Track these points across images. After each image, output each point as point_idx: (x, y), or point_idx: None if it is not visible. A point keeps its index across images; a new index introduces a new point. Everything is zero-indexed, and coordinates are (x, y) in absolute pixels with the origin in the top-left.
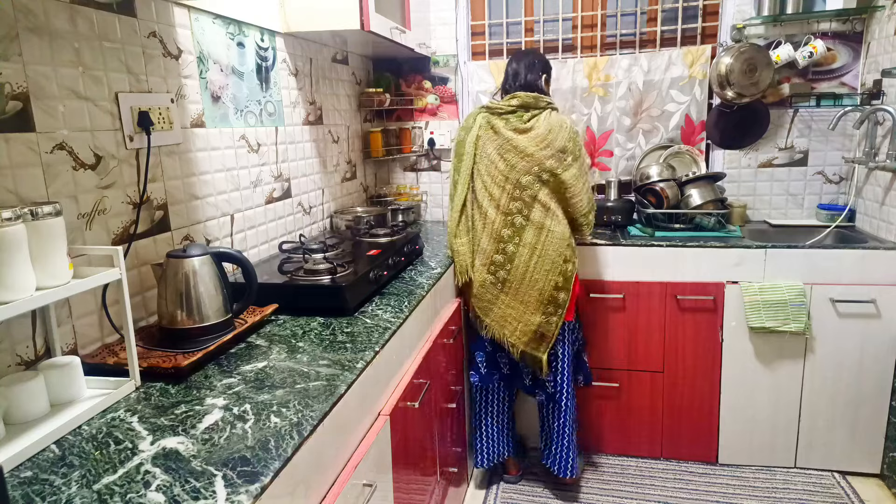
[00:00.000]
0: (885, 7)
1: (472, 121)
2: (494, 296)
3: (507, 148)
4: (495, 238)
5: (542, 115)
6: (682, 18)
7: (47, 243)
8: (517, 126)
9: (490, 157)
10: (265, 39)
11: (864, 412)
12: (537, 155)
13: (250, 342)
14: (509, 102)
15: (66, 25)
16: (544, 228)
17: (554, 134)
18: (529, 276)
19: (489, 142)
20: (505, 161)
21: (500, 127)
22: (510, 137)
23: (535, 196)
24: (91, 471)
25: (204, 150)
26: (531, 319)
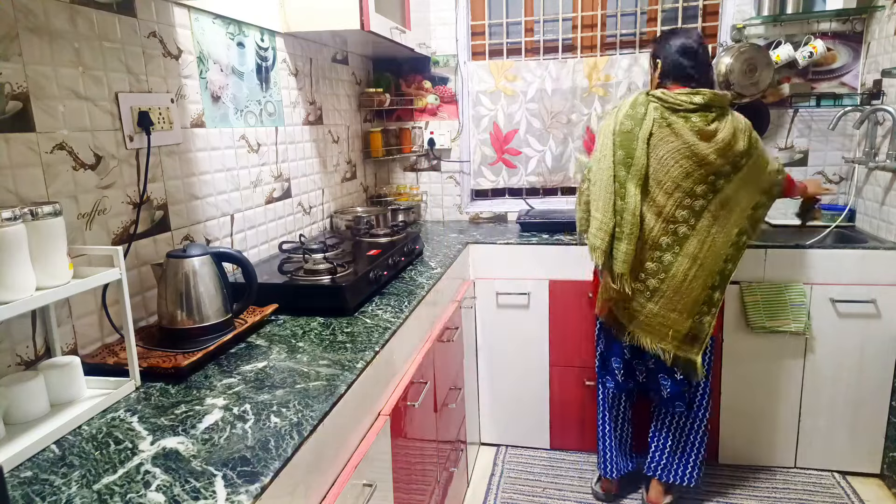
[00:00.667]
0: (885, 7)
1: (641, 110)
2: (641, 304)
3: (686, 154)
4: (651, 246)
5: (728, 119)
6: (682, 18)
7: (47, 243)
8: (701, 129)
9: (662, 159)
10: (265, 39)
11: (864, 412)
12: (717, 163)
13: (250, 342)
14: (692, 98)
15: (66, 25)
16: (710, 237)
17: (736, 139)
18: (686, 286)
19: (663, 142)
20: (680, 167)
21: (679, 127)
22: (692, 143)
23: (707, 206)
24: (91, 471)
25: (204, 150)
26: (683, 324)
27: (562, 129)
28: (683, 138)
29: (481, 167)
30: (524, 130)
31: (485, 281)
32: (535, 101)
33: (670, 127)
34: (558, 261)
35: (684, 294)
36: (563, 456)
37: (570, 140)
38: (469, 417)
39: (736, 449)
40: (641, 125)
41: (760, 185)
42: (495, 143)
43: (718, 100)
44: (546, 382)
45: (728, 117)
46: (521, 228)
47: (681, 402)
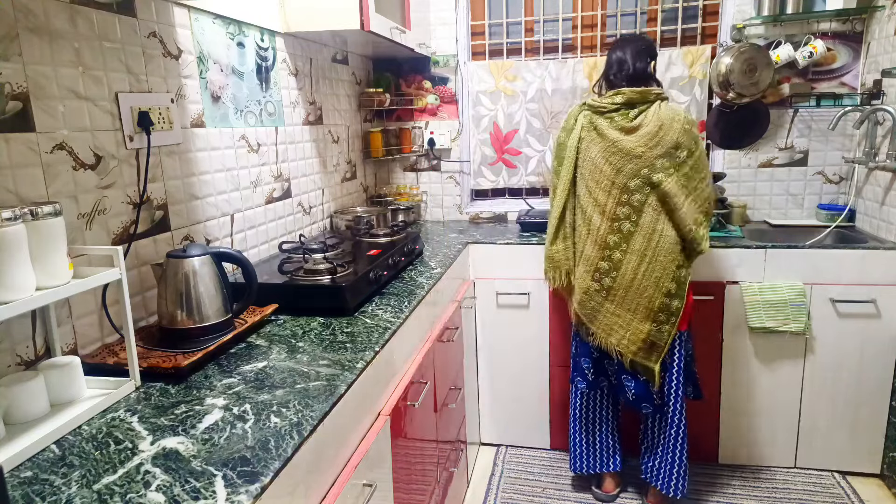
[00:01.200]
0: (885, 7)
1: (572, 121)
2: (599, 303)
3: (613, 150)
4: (600, 245)
5: (651, 110)
6: (682, 18)
7: (47, 243)
8: (623, 125)
9: (594, 160)
10: (265, 39)
11: (864, 412)
12: (647, 155)
13: (250, 342)
14: (613, 100)
15: (66, 25)
16: (655, 233)
17: (665, 129)
18: (637, 284)
19: (592, 144)
20: (611, 164)
21: (604, 128)
22: (616, 139)
23: (646, 200)
24: (91, 471)
25: (204, 150)
26: (640, 328)
27: None
28: (608, 137)
29: (481, 167)
30: (524, 130)
31: (485, 281)
32: (535, 101)
33: (596, 130)
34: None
35: (637, 293)
36: (563, 456)
37: None
38: (469, 417)
39: (736, 449)
40: (571, 133)
41: (697, 200)
42: (495, 143)
43: (640, 96)
44: (546, 382)
45: (653, 109)
46: (521, 228)
47: (647, 403)
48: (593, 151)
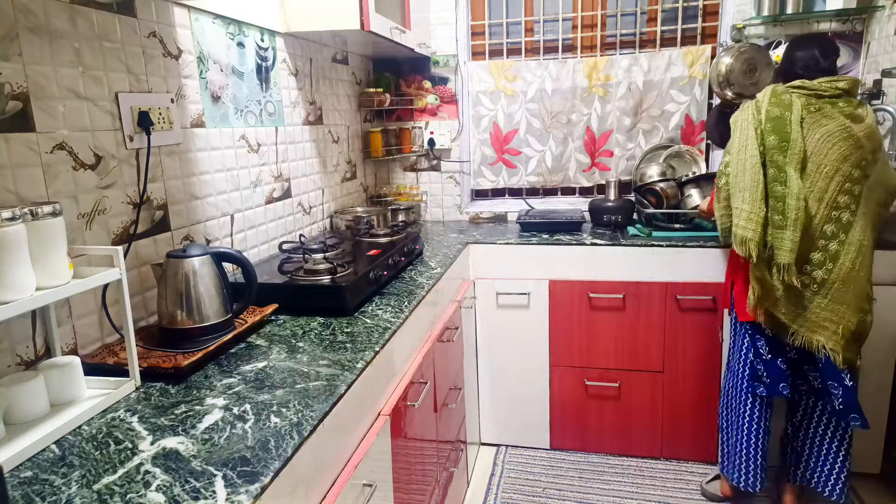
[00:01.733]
0: (885, 7)
1: (788, 98)
2: (808, 299)
3: (843, 136)
4: (813, 234)
5: (868, 107)
6: (682, 18)
7: (47, 243)
8: (850, 112)
9: (818, 142)
10: (265, 39)
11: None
12: (867, 147)
13: (250, 342)
14: (835, 85)
15: (66, 25)
16: (867, 224)
17: (875, 126)
18: (854, 276)
19: (817, 125)
20: (839, 150)
21: (830, 110)
22: (846, 125)
23: (862, 191)
24: (91, 471)
25: (204, 150)
26: (852, 320)
27: (562, 129)
28: (837, 120)
29: (481, 167)
30: (524, 130)
31: (485, 281)
32: (535, 101)
33: (820, 111)
34: (558, 261)
35: (852, 285)
36: (563, 456)
37: (570, 140)
38: (469, 417)
39: None
40: (791, 109)
41: (887, 185)
42: (495, 143)
43: (857, 87)
44: (546, 382)
45: (866, 105)
46: (521, 228)
47: (856, 413)
48: (817, 133)
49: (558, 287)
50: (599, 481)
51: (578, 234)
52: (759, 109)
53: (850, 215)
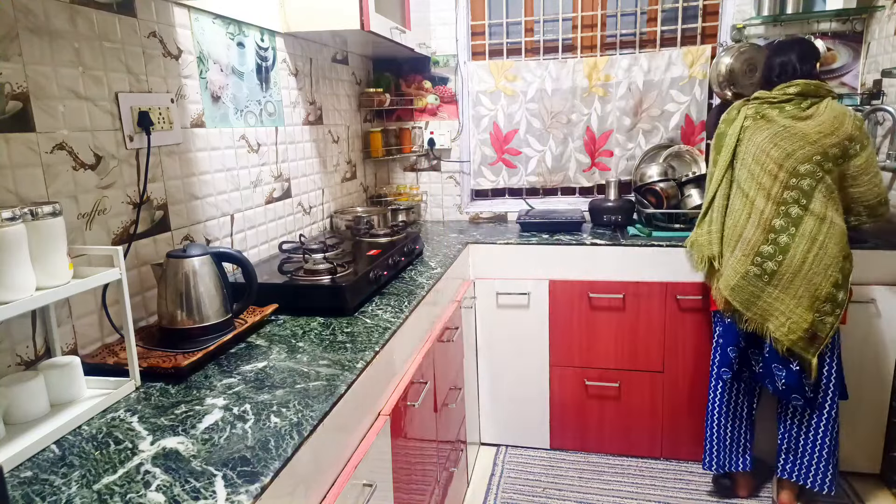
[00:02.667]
0: (885, 7)
1: (735, 112)
2: (760, 288)
3: (784, 135)
4: (764, 228)
5: (824, 103)
6: (682, 18)
7: (47, 243)
8: (796, 114)
9: (760, 145)
10: (265, 39)
11: (863, 412)
12: (821, 142)
13: (250, 342)
14: (785, 91)
15: (66, 25)
16: (826, 220)
17: (839, 121)
18: (807, 270)
19: (758, 131)
20: (780, 148)
21: (773, 115)
22: (787, 125)
23: (816, 185)
24: (91, 471)
25: (204, 150)
26: (804, 316)
27: (562, 129)
28: (779, 123)
29: (481, 167)
30: (524, 130)
31: (485, 281)
32: (535, 101)
33: (764, 118)
34: (558, 261)
35: (805, 279)
36: (563, 456)
37: (570, 140)
38: (469, 417)
39: None
40: (732, 124)
41: (865, 195)
42: (495, 143)
43: (815, 88)
44: (546, 382)
45: (825, 102)
46: (521, 228)
47: (798, 394)
48: (759, 137)
49: (558, 287)
50: (599, 481)
51: (578, 234)
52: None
53: (800, 210)
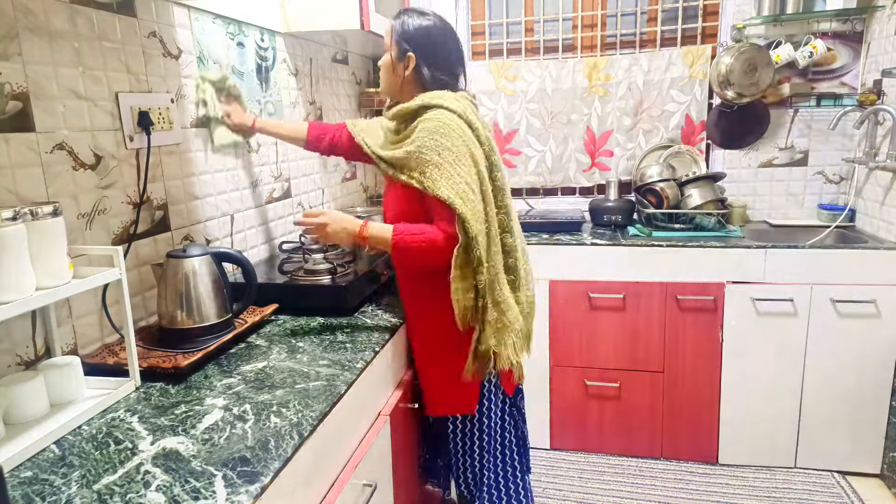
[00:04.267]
0: (885, 7)
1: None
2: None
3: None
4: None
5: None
6: (682, 18)
7: (47, 243)
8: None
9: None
10: (265, 39)
11: (864, 412)
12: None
13: (250, 342)
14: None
15: (66, 25)
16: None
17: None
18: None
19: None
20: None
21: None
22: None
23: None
24: (91, 471)
25: (204, 150)
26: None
27: (562, 129)
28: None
29: None
30: (524, 130)
31: None
32: (536, 101)
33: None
34: (558, 261)
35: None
36: (563, 456)
37: (571, 140)
38: None
39: (736, 449)
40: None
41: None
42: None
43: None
44: (546, 382)
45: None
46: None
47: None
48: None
49: (558, 287)
50: (599, 481)
51: (578, 234)
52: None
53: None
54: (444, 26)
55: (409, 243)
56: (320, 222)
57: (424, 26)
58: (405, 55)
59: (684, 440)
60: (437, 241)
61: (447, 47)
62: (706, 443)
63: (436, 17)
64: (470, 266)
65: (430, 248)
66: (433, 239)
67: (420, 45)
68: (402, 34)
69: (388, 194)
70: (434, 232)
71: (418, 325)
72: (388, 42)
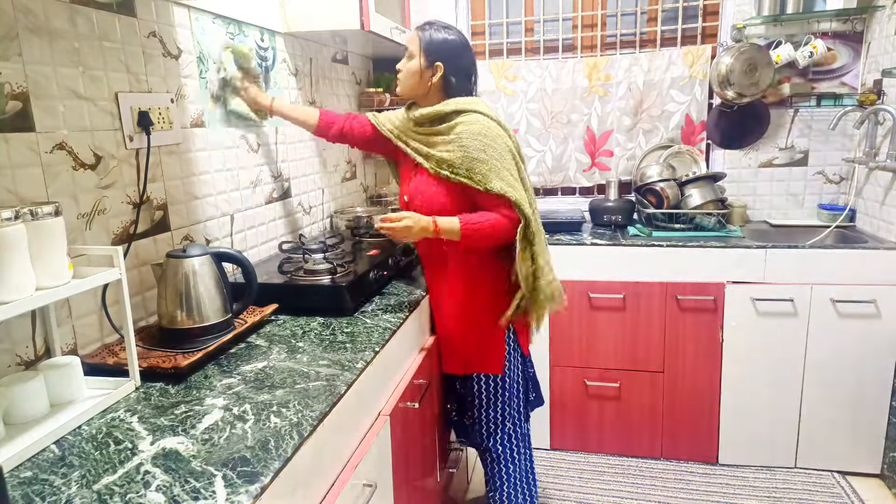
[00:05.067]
0: (885, 7)
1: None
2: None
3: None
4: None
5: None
6: (682, 18)
7: (47, 243)
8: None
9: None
10: (265, 39)
11: (864, 412)
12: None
13: (250, 342)
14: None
15: (66, 25)
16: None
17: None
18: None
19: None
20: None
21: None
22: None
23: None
24: (91, 471)
25: (204, 150)
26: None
27: (562, 129)
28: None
29: None
30: (524, 130)
31: None
32: (536, 101)
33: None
34: (558, 261)
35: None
36: (563, 456)
37: (570, 140)
38: None
39: (735, 449)
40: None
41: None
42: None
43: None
44: (546, 382)
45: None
46: None
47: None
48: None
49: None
50: (599, 481)
51: (578, 234)
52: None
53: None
54: (464, 40)
55: (476, 229)
56: (406, 225)
57: (451, 40)
58: (433, 64)
59: (684, 440)
60: (502, 223)
61: (469, 58)
62: (706, 443)
63: (457, 32)
64: (528, 239)
65: (497, 229)
66: (498, 222)
67: (447, 56)
68: (430, 44)
69: (422, 188)
70: (497, 218)
71: (450, 302)
72: (414, 50)
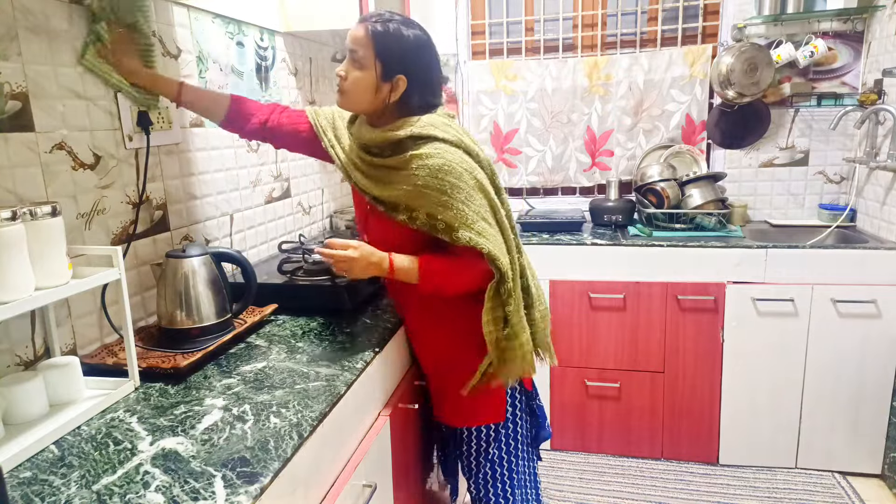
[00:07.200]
0: (885, 7)
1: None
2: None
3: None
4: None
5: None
6: (682, 18)
7: (46, 243)
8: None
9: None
10: (265, 39)
11: (864, 412)
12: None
13: (250, 342)
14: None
15: (66, 25)
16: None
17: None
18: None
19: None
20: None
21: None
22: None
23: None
24: (90, 471)
25: (203, 150)
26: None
27: (562, 129)
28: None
29: None
30: (524, 130)
31: None
32: (536, 101)
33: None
34: (558, 261)
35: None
36: (563, 456)
37: (571, 140)
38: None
39: (736, 449)
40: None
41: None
42: (495, 142)
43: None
44: (546, 382)
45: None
46: (522, 228)
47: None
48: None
49: (559, 287)
50: (599, 482)
51: (579, 234)
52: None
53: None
54: (430, 40)
55: (438, 272)
56: (349, 256)
57: (413, 43)
58: (394, 79)
59: (685, 440)
60: (472, 273)
61: (436, 65)
62: (706, 443)
63: (419, 28)
64: (500, 298)
65: (465, 278)
66: (467, 270)
67: (411, 67)
68: (389, 51)
69: (375, 224)
70: (467, 263)
71: (435, 344)
72: (365, 56)
